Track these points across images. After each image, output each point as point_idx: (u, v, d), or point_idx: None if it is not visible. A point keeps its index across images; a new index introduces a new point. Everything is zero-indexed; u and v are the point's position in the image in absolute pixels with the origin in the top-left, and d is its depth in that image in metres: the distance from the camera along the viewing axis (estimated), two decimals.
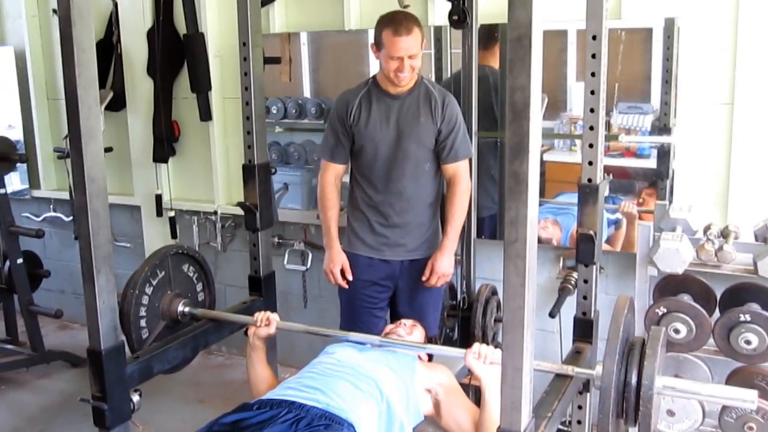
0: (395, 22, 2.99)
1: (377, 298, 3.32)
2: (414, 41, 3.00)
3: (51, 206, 5.31)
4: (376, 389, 2.35)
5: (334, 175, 3.26)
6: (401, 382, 2.44)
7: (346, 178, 3.32)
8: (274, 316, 2.78)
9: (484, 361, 2.37)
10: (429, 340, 3.01)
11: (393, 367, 2.49)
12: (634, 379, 2.07)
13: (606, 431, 2.06)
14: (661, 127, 3.39)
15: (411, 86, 3.16)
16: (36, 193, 5.31)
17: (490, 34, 3.64)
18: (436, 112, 3.14)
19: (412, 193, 3.20)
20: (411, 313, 3.22)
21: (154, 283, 2.80)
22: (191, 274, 3.01)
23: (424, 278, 3.22)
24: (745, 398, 2.03)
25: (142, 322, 2.75)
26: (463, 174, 3.21)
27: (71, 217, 5.05)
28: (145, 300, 2.76)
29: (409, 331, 2.84)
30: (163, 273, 2.85)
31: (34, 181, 5.28)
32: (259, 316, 2.78)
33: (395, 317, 3.31)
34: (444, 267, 3.19)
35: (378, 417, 2.31)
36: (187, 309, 2.89)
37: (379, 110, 3.16)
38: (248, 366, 2.80)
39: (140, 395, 2.46)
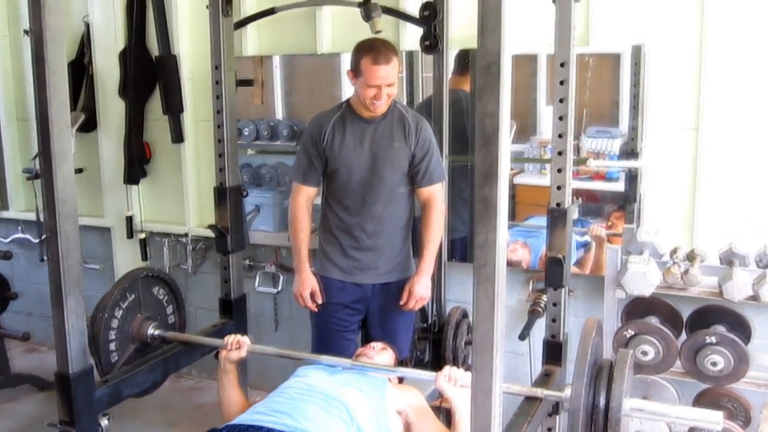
0: (374, 50, 2.99)
1: (349, 321, 3.32)
2: (392, 70, 3.01)
3: (19, 228, 5.25)
4: (345, 412, 2.35)
5: (306, 197, 3.24)
6: (371, 404, 2.44)
7: (318, 200, 3.33)
8: (245, 339, 2.77)
9: (454, 384, 2.38)
10: (400, 362, 3.00)
11: (363, 390, 2.49)
12: (602, 402, 2.10)
13: None
14: (629, 151, 3.44)
15: (385, 109, 3.16)
16: (4, 214, 5.24)
17: (464, 59, 3.68)
18: (410, 136, 3.15)
19: (386, 217, 3.21)
20: (383, 335, 3.21)
21: (124, 306, 2.79)
22: (162, 297, 3.00)
23: (402, 302, 3.21)
24: (712, 420, 2.06)
25: (112, 346, 2.73)
26: (437, 197, 3.22)
27: (39, 239, 5.00)
28: (114, 323, 2.74)
29: (379, 353, 2.84)
30: (133, 296, 2.84)
31: (2, 202, 5.22)
32: (230, 339, 2.77)
33: (367, 340, 3.31)
34: (422, 290, 3.20)
35: None
36: (157, 332, 2.88)
37: (353, 134, 3.16)
38: (219, 390, 2.78)
39: (109, 419, 2.45)
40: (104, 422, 2.42)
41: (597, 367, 2.19)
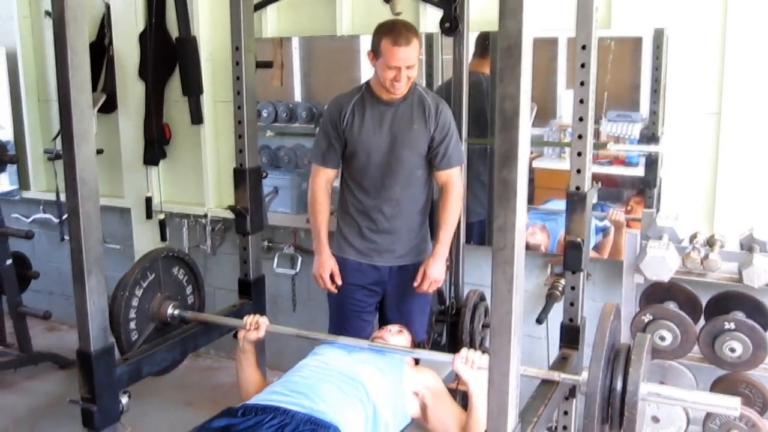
0: (395, 32, 2.98)
1: (366, 302, 3.33)
2: (412, 52, 3.00)
3: (41, 207, 5.31)
4: (362, 392, 2.37)
5: (325, 179, 3.25)
6: (389, 384, 2.46)
7: (337, 183, 3.33)
8: (264, 320, 2.79)
9: (471, 366, 2.39)
10: (416, 345, 3.02)
11: (381, 369, 2.50)
12: (619, 385, 2.09)
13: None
14: (650, 135, 3.42)
15: (405, 93, 3.15)
16: (26, 194, 5.30)
17: (484, 42, 3.66)
18: (430, 119, 3.14)
19: (404, 200, 3.21)
20: (399, 317, 3.23)
21: (144, 285, 2.81)
22: (181, 278, 3.02)
23: (415, 284, 3.22)
24: (729, 405, 2.05)
25: (132, 324, 2.75)
26: (455, 181, 3.22)
27: (60, 219, 5.05)
28: (135, 302, 2.76)
29: (396, 336, 2.85)
30: (154, 275, 2.85)
31: (23, 182, 5.27)
32: (249, 319, 2.79)
33: (383, 322, 3.33)
34: (436, 273, 3.20)
35: (364, 420, 2.33)
36: (176, 311, 2.89)
37: (373, 116, 3.16)
38: (237, 369, 2.80)
39: (129, 397, 2.47)
40: (124, 400, 2.44)
41: (614, 351, 2.19)
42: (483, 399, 2.21)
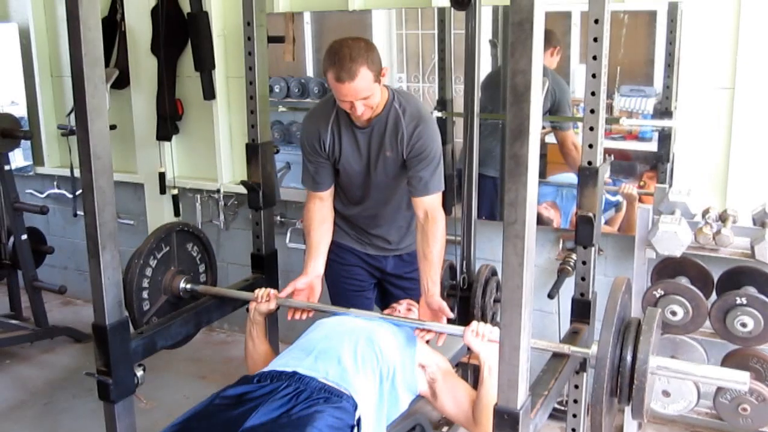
0: (337, 65, 2.65)
1: (367, 282, 3.30)
2: (361, 84, 2.67)
3: (54, 183, 5.34)
4: (377, 356, 2.41)
5: (319, 204, 3.07)
6: (402, 354, 2.49)
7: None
8: (275, 292, 2.82)
9: (482, 338, 2.40)
10: None
11: (397, 336, 2.55)
12: (629, 356, 2.11)
13: (600, 402, 2.10)
14: (663, 110, 3.40)
15: (378, 112, 2.88)
16: (39, 170, 5.33)
17: (549, 33, 3.59)
18: (402, 143, 2.88)
19: (386, 215, 3.15)
20: (401, 292, 3.22)
21: (159, 256, 2.84)
22: (195, 254, 3.05)
23: (422, 335, 2.66)
24: (738, 379, 2.07)
25: (145, 294, 2.79)
26: (436, 210, 2.90)
27: (74, 194, 5.08)
28: (148, 272, 2.79)
29: (406, 311, 2.88)
30: (168, 248, 2.88)
31: (37, 157, 5.31)
32: (260, 292, 2.81)
33: (383, 296, 3.34)
34: (437, 300, 2.81)
35: (377, 386, 2.36)
36: (188, 285, 2.93)
37: (350, 141, 2.96)
38: (246, 340, 2.83)
39: (144, 370, 2.50)
40: (139, 372, 2.48)
41: (625, 323, 2.20)
42: (494, 371, 2.24)
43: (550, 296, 3.36)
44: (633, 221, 3.47)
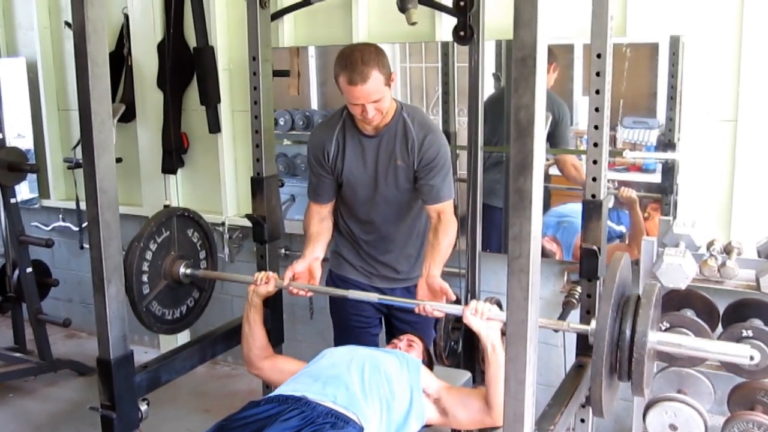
0: (350, 68, 2.71)
1: (372, 318, 3.28)
2: (373, 87, 2.73)
3: (60, 216, 5.36)
4: (384, 385, 2.41)
5: (318, 215, 3.11)
6: (408, 381, 2.49)
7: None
8: (274, 275, 2.86)
9: (481, 316, 2.40)
10: (427, 351, 2.98)
11: (401, 363, 2.55)
12: (628, 329, 2.14)
13: (599, 374, 2.11)
14: (666, 142, 3.41)
15: (387, 121, 2.94)
16: (45, 203, 5.36)
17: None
18: (413, 153, 2.92)
19: (396, 236, 3.11)
20: (407, 326, 3.17)
21: (159, 240, 2.84)
22: (195, 240, 3.04)
23: (416, 309, 2.68)
24: (740, 353, 2.08)
25: (144, 277, 2.78)
26: (448, 215, 2.94)
27: (79, 227, 5.09)
28: (148, 255, 2.79)
29: (407, 347, 2.84)
30: (168, 233, 2.88)
31: (43, 190, 5.33)
32: (259, 275, 2.87)
33: (390, 330, 3.33)
34: (438, 281, 2.75)
35: (387, 412, 2.36)
36: (188, 270, 2.93)
37: (355, 151, 2.99)
38: (243, 324, 2.88)
39: (148, 404, 2.50)
40: (143, 407, 2.47)
41: (624, 298, 2.23)
42: (498, 347, 2.32)
43: (555, 329, 3.34)
44: (641, 225, 3.50)
